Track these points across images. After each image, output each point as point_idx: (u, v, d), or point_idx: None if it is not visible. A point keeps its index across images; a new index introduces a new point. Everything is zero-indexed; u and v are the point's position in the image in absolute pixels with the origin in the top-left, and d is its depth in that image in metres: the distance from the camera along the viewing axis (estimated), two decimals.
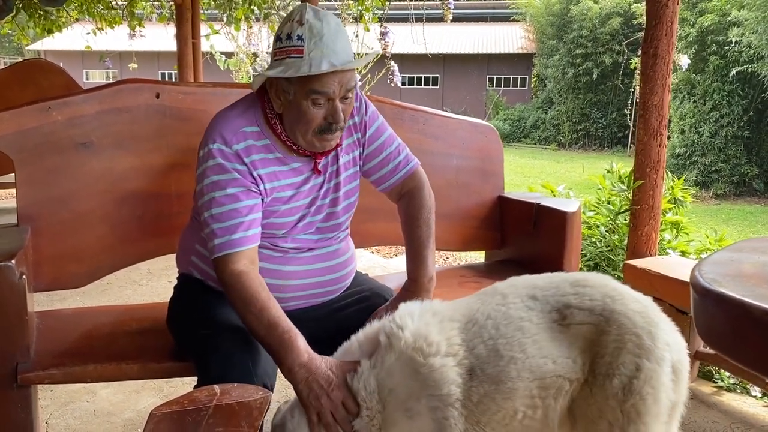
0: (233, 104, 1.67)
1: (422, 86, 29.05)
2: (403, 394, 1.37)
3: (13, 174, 1.89)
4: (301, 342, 1.44)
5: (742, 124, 14.28)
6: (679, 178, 4.18)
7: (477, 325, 1.42)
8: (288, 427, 1.42)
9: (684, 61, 5.77)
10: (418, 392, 1.35)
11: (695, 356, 2.62)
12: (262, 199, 1.61)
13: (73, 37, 12.27)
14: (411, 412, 1.36)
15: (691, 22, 14.81)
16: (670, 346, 1.35)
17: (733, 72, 13.79)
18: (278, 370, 1.51)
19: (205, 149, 1.59)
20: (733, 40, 13.46)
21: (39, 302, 2.01)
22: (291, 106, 1.57)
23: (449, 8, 6.27)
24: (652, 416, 1.32)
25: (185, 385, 2.51)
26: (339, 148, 1.73)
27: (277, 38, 1.56)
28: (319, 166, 1.68)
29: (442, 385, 1.35)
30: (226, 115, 1.64)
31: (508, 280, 1.52)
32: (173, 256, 1.90)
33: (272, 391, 1.47)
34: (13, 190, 1.92)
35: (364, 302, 1.75)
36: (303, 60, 1.50)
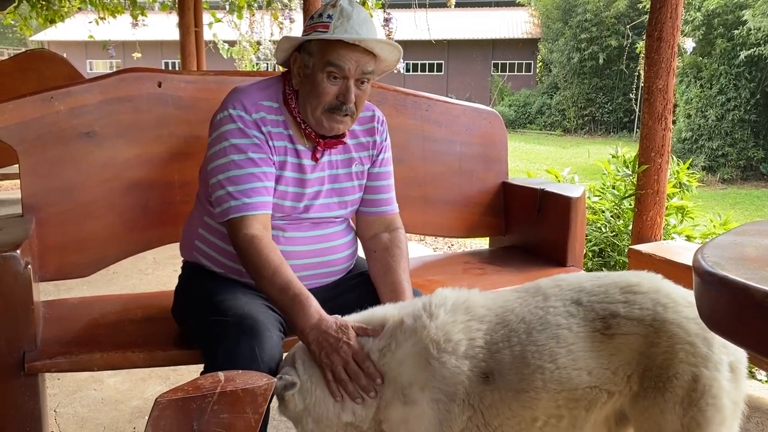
0: (256, 81, 1.73)
1: (426, 73, 28.94)
2: (405, 381, 1.36)
3: (17, 164, 1.90)
4: (312, 303, 1.47)
5: (749, 108, 14.17)
6: (685, 163, 4.16)
7: (507, 328, 1.36)
8: (297, 354, 1.44)
9: (689, 44, 5.72)
10: (423, 383, 1.34)
11: None
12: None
13: (76, 27, 12.27)
14: (408, 398, 1.35)
15: (697, 6, 14.66)
16: (727, 347, 1.30)
17: (742, 56, 13.66)
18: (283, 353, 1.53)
19: (224, 113, 1.63)
20: (747, 21, 13.29)
21: (46, 292, 2.02)
22: (307, 79, 1.63)
23: None
24: (715, 425, 1.27)
25: (191, 373, 2.51)
26: (354, 156, 1.77)
27: (310, 18, 1.65)
28: (318, 155, 1.70)
29: (449, 382, 1.33)
30: (247, 87, 1.69)
31: (554, 278, 1.45)
32: (178, 245, 1.90)
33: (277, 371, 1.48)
34: (18, 181, 1.93)
35: (365, 285, 1.76)
36: (327, 32, 1.58)
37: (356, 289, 1.76)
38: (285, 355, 1.54)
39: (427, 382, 1.34)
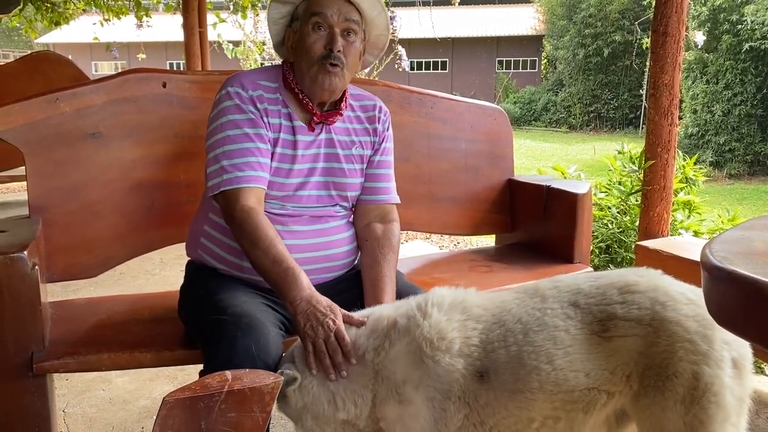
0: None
1: (431, 71, 28.91)
2: (399, 379, 1.35)
3: (24, 166, 1.90)
4: (304, 278, 1.50)
5: (755, 103, 14.11)
6: (691, 158, 4.14)
7: (503, 328, 1.35)
8: (294, 354, 1.45)
9: (699, 38, 5.71)
10: (417, 381, 1.34)
11: None
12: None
13: (80, 29, 12.31)
14: (402, 397, 1.34)
15: (703, 1, 14.60)
16: (729, 344, 1.28)
17: (746, 47, 13.60)
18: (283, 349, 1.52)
19: (223, 92, 1.69)
20: (748, 20, 13.26)
21: (53, 293, 2.03)
22: (298, 43, 1.69)
23: None
24: (718, 422, 1.26)
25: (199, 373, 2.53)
26: (355, 139, 1.78)
27: None
28: (314, 126, 1.73)
29: (443, 380, 1.32)
30: (246, 70, 1.77)
31: (553, 279, 1.44)
32: (184, 245, 1.91)
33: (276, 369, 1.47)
34: (24, 183, 1.93)
35: None
36: None
37: (357, 287, 1.75)
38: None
39: (421, 381, 1.34)
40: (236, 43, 8.50)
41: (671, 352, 1.27)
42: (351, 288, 1.75)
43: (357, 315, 1.49)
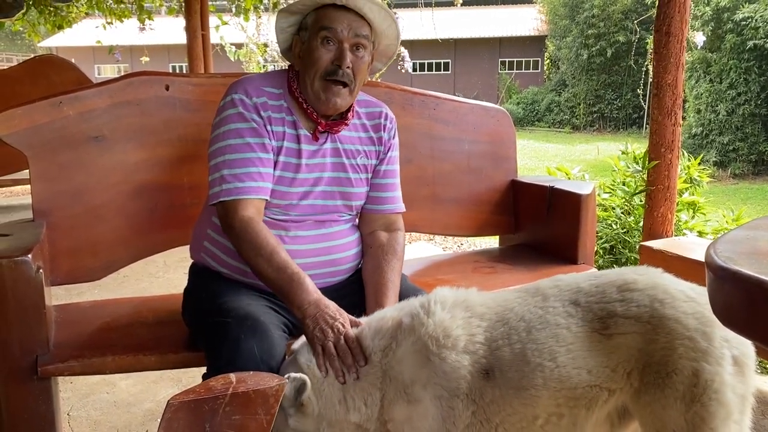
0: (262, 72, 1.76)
1: (433, 72, 28.92)
2: (407, 379, 1.35)
3: (28, 170, 1.91)
4: (309, 282, 1.50)
5: (759, 102, 14.07)
6: (696, 158, 4.13)
7: (507, 326, 1.36)
8: (300, 361, 1.43)
9: (699, 38, 5.70)
10: (425, 380, 1.34)
11: None
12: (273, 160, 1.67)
13: (84, 33, 12.36)
14: (411, 397, 1.34)
15: (706, 1, 14.58)
16: (729, 341, 1.29)
17: (750, 45, 13.57)
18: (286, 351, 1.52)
19: (227, 99, 1.67)
20: (746, 15, 13.23)
21: (58, 296, 2.03)
22: (305, 54, 1.67)
23: None
24: (720, 419, 1.26)
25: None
26: (360, 149, 1.77)
27: None
28: (318, 135, 1.71)
29: (450, 377, 1.32)
30: (252, 75, 1.76)
31: (553, 279, 1.46)
32: (188, 247, 1.91)
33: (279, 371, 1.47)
34: (28, 186, 1.94)
35: None
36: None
37: (362, 291, 1.75)
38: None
39: (428, 379, 1.34)
40: (239, 46, 8.51)
41: (671, 349, 1.28)
42: (356, 292, 1.75)
43: (363, 321, 1.49)
